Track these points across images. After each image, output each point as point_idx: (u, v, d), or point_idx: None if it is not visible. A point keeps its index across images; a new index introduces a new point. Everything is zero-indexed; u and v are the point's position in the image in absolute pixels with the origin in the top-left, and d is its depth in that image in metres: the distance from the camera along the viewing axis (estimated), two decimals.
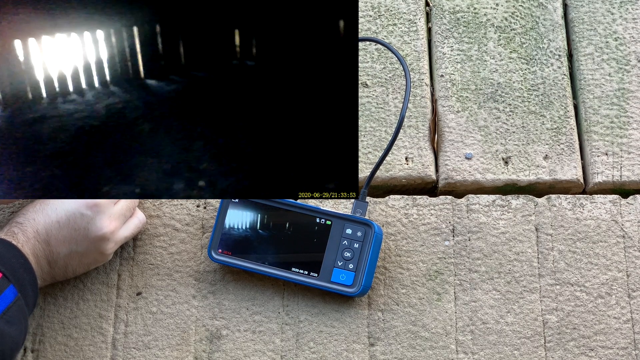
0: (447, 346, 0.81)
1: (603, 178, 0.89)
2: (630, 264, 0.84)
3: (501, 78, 0.95)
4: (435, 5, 0.99)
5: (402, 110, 0.81)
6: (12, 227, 0.76)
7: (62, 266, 0.78)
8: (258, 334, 0.82)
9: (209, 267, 0.85)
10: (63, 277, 0.80)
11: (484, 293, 0.83)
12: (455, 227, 0.86)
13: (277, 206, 0.83)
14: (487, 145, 0.91)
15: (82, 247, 0.78)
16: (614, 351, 0.80)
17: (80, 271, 0.81)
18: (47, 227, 0.76)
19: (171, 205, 0.88)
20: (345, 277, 0.81)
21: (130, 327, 0.83)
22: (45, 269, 0.77)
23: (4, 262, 0.71)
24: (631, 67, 0.95)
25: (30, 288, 0.73)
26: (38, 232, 0.75)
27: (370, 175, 0.84)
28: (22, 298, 0.71)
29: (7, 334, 0.68)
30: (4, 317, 0.68)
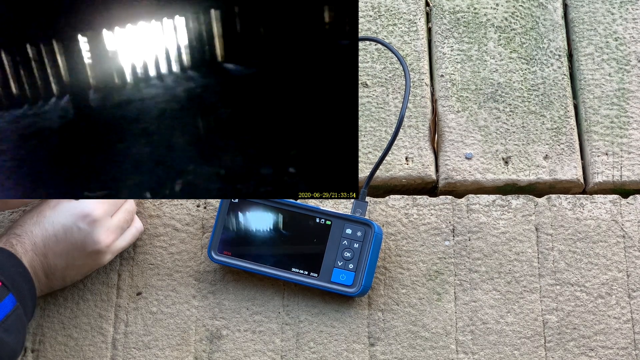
0: (447, 346, 0.81)
1: (603, 178, 0.89)
2: (630, 264, 0.84)
3: (501, 78, 0.95)
4: (435, 5, 0.99)
5: (402, 110, 0.81)
6: (10, 239, 0.75)
7: (59, 277, 0.78)
8: (258, 334, 0.82)
9: (209, 267, 0.85)
10: (61, 286, 0.81)
11: (484, 293, 0.83)
12: (455, 227, 0.86)
13: (277, 206, 0.83)
14: (487, 145, 0.91)
15: (79, 260, 0.78)
16: (614, 351, 0.80)
17: (77, 279, 0.81)
18: (44, 240, 0.76)
19: (171, 205, 0.88)
20: (345, 277, 0.81)
21: (131, 327, 0.83)
22: (43, 281, 0.77)
23: (3, 271, 0.71)
24: (631, 67, 0.95)
25: (29, 298, 0.73)
26: (36, 245, 0.75)
27: (370, 175, 0.84)
28: (20, 307, 0.71)
29: (6, 343, 0.68)
30: (3, 325, 0.68)
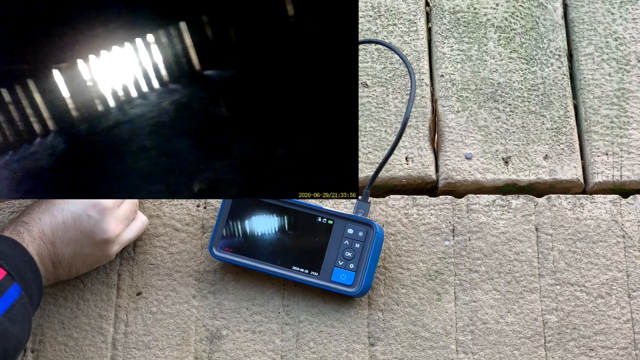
0: (447, 346, 0.81)
1: (603, 178, 0.89)
2: (630, 264, 0.84)
3: (501, 78, 0.95)
4: (435, 5, 0.99)
5: (406, 113, 0.81)
6: (17, 227, 0.75)
7: (66, 267, 0.78)
8: (258, 334, 0.82)
9: (209, 267, 0.85)
10: (67, 277, 0.80)
11: (484, 293, 0.83)
12: (455, 227, 0.86)
13: (280, 205, 0.83)
14: (487, 145, 0.91)
15: (87, 249, 0.77)
16: (614, 351, 0.80)
17: (83, 271, 0.81)
18: (53, 228, 0.76)
19: (171, 205, 0.88)
20: (346, 277, 0.81)
21: (131, 327, 0.83)
22: (50, 269, 0.77)
23: (8, 260, 0.71)
24: (631, 67, 0.95)
25: (35, 287, 0.73)
26: (44, 233, 0.75)
27: (372, 177, 0.84)
28: (26, 296, 0.71)
29: (11, 333, 0.68)
30: (7, 315, 0.68)
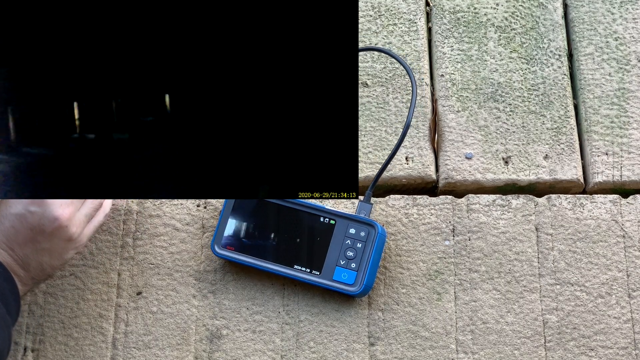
0: (447, 346, 0.81)
1: (603, 178, 0.89)
2: (630, 263, 0.84)
3: (501, 78, 0.95)
4: (436, 5, 0.99)
5: (408, 117, 0.82)
6: None
7: (36, 266, 0.76)
8: (258, 333, 0.82)
9: (209, 266, 0.85)
10: (44, 276, 0.78)
11: (484, 293, 0.83)
12: (455, 227, 0.86)
13: (282, 204, 0.83)
14: (487, 145, 0.91)
15: (45, 243, 0.76)
16: (614, 351, 0.80)
17: (57, 264, 0.78)
18: (5, 235, 0.75)
19: (171, 205, 0.88)
20: (347, 276, 0.81)
21: (131, 327, 0.83)
22: (21, 274, 0.76)
23: None
24: (631, 67, 0.95)
25: (11, 296, 0.72)
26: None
27: (375, 178, 0.84)
28: (2, 307, 0.70)
29: None
30: None
